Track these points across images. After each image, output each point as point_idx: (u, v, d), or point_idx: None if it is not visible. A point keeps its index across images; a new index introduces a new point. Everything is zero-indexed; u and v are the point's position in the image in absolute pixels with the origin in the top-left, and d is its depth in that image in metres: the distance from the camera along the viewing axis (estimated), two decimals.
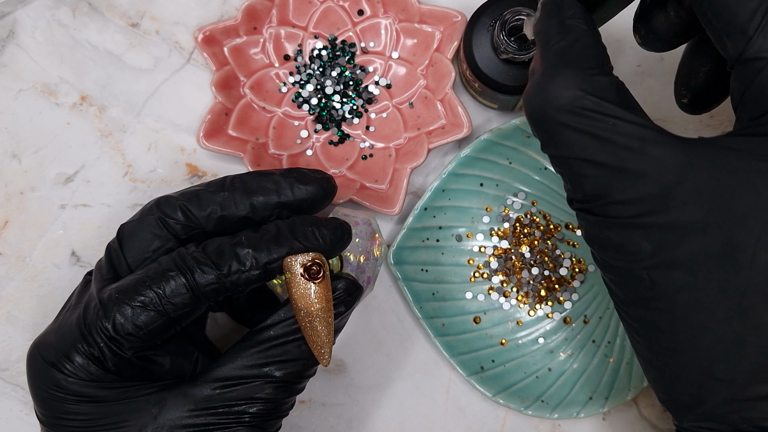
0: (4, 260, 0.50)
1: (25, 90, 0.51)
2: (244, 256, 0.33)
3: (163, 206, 0.36)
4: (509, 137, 0.48)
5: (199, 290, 0.33)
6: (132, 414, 0.33)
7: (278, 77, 0.51)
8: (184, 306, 0.33)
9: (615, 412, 0.49)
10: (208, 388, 0.34)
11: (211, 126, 0.49)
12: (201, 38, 0.48)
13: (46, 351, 0.34)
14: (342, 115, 0.50)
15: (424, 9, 0.48)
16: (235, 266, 0.33)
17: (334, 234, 0.35)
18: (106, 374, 0.33)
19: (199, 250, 0.33)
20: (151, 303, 0.32)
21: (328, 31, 0.51)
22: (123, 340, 0.33)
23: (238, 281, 0.33)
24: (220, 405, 0.34)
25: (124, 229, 0.36)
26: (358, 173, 0.50)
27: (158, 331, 0.33)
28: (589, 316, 0.49)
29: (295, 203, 0.36)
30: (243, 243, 0.33)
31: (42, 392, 0.34)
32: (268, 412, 0.35)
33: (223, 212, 0.35)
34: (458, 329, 0.48)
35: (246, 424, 0.34)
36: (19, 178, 0.50)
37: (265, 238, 0.34)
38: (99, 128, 0.51)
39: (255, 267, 0.33)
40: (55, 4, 0.51)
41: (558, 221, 0.49)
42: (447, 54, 0.48)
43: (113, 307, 0.33)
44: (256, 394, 0.34)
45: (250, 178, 0.36)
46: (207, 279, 0.33)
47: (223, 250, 0.33)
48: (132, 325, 0.32)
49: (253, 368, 0.34)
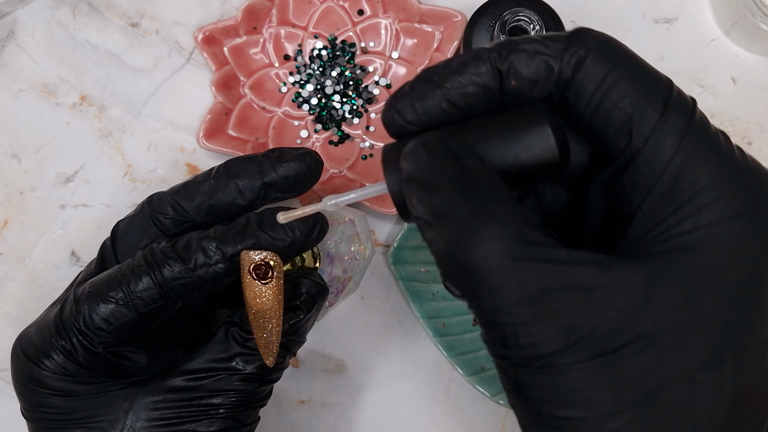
0: (4, 260, 0.50)
1: (25, 90, 0.51)
2: (210, 249, 0.33)
3: (154, 203, 0.36)
4: None
5: (166, 285, 0.33)
6: (104, 408, 0.34)
7: (278, 77, 0.51)
8: (152, 301, 0.33)
9: None
10: (177, 381, 0.34)
11: (211, 126, 0.49)
12: (201, 38, 0.48)
13: (25, 344, 0.34)
14: (342, 115, 0.50)
15: (424, 9, 0.48)
16: (202, 259, 0.33)
17: (303, 225, 0.34)
18: (78, 369, 0.33)
19: (168, 246, 0.33)
20: (120, 298, 0.32)
21: (328, 31, 0.51)
22: (92, 335, 0.33)
23: (205, 275, 0.33)
24: (189, 397, 0.34)
25: (118, 227, 0.37)
26: (358, 173, 0.50)
27: (128, 327, 0.33)
28: None
29: (280, 181, 0.35)
30: (210, 236, 0.33)
31: (21, 385, 0.34)
32: (240, 404, 0.35)
33: (211, 200, 0.35)
34: (458, 329, 0.48)
35: (216, 416, 0.34)
36: (18, 178, 0.50)
37: (232, 231, 0.33)
38: (99, 128, 0.51)
39: (222, 260, 0.33)
40: (55, 4, 0.51)
41: None
42: (447, 54, 0.48)
43: (84, 302, 0.33)
44: (224, 386, 0.34)
45: (232, 163, 0.36)
46: (174, 273, 0.33)
47: (191, 244, 0.33)
48: (101, 319, 0.32)
49: (221, 361, 0.34)
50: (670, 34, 0.50)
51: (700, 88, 0.50)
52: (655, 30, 0.50)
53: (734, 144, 0.24)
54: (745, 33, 0.49)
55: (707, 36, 0.50)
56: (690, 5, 0.51)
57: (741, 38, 0.50)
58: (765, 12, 0.46)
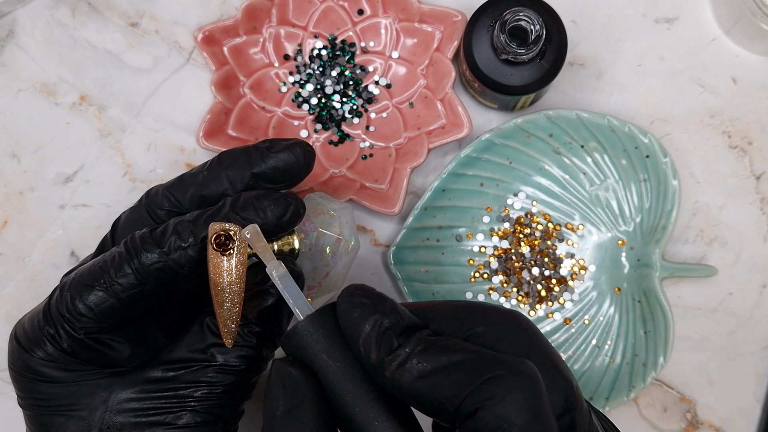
0: (3, 260, 0.50)
1: (25, 90, 0.51)
2: (183, 231, 0.33)
3: (151, 196, 0.36)
4: (509, 137, 0.48)
5: (144, 271, 0.33)
6: (84, 397, 0.34)
7: (278, 77, 0.51)
8: (131, 287, 0.33)
9: (615, 412, 0.49)
10: (156, 372, 0.34)
11: (210, 126, 0.49)
12: (201, 38, 0.48)
13: (19, 332, 0.34)
14: (342, 115, 0.50)
15: (424, 8, 0.48)
16: (175, 242, 0.32)
17: (275, 206, 0.33)
18: (63, 355, 0.33)
19: (147, 231, 0.33)
20: (101, 285, 0.32)
21: (328, 30, 0.51)
22: (74, 321, 0.33)
23: (179, 259, 0.33)
24: (166, 388, 0.34)
25: (119, 221, 0.37)
26: (358, 173, 0.50)
27: (109, 313, 0.33)
28: (589, 317, 0.49)
29: (268, 172, 0.35)
30: (185, 219, 0.33)
31: (15, 372, 0.35)
32: (216, 396, 0.34)
33: (203, 192, 0.35)
34: None
35: (191, 408, 0.34)
36: (18, 177, 0.50)
37: (207, 214, 0.33)
38: (98, 128, 0.51)
39: (194, 242, 0.32)
40: (55, 4, 0.51)
41: (558, 221, 0.49)
42: (447, 54, 0.48)
43: (68, 289, 0.33)
44: (200, 378, 0.34)
45: (225, 154, 0.36)
46: (151, 258, 0.32)
47: (167, 229, 0.33)
48: (83, 305, 0.32)
49: (197, 351, 0.34)
50: (671, 34, 0.50)
51: (700, 88, 0.50)
52: (656, 30, 0.50)
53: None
54: (745, 33, 0.49)
55: (707, 36, 0.50)
56: (690, 5, 0.50)
57: (741, 38, 0.49)
58: (765, 12, 0.46)
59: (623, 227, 0.49)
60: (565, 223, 0.49)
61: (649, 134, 0.47)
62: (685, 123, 0.50)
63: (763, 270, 0.49)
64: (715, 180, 0.50)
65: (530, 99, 0.47)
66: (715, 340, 0.49)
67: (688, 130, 0.50)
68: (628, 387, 0.47)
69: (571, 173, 0.49)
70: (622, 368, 0.47)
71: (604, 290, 0.49)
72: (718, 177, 0.50)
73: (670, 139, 0.50)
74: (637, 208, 0.48)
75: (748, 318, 0.49)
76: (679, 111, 0.50)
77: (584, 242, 0.49)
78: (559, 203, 0.49)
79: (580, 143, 0.48)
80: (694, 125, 0.50)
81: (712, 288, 0.49)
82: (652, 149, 0.47)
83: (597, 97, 0.50)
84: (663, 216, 0.47)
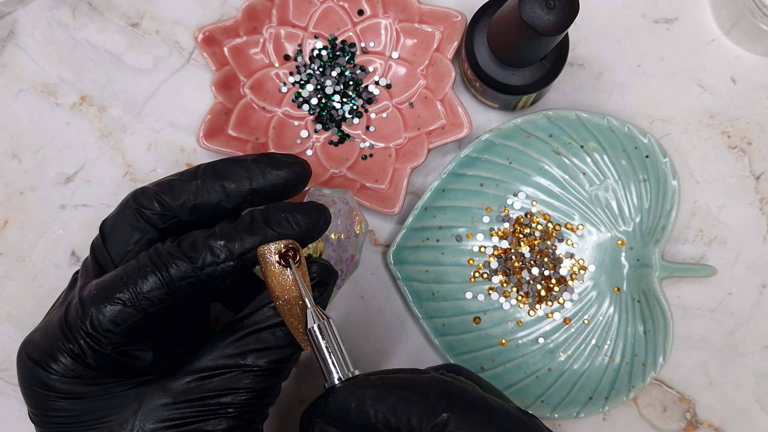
0: (4, 260, 0.50)
1: (25, 90, 0.51)
2: (217, 247, 0.33)
3: (138, 198, 0.36)
4: (509, 137, 0.48)
5: (174, 285, 0.33)
6: (113, 409, 0.34)
7: (278, 77, 0.51)
8: (160, 301, 0.33)
9: (615, 412, 0.49)
10: (185, 381, 0.34)
11: (211, 126, 0.49)
12: (201, 38, 0.48)
13: (31, 349, 0.34)
14: (342, 115, 0.50)
15: (424, 9, 0.48)
16: (209, 258, 0.33)
17: (308, 218, 0.34)
18: (87, 371, 0.33)
19: (174, 245, 0.33)
20: (128, 300, 0.32)
21: (328, 31, 0.51)
22: (101, 337, 0.33)
23: (213, 274, 0.33)
24: (198, 397, 0.34)
25: (106, 225, 0.36)
26: (358, 173, 0.50)
27: (136, 327, 0.33)
28: (589, 316, 0.49)
29: (267, 189, 0.35)
30: (216, 235, 0.33)
31: (28, 390, 0.34)
32: (249, 402, 0.34)
33: (197, 201, 0.35)
34: (458, 329, 0.48)
35: (226, 415, 0.34)
36: (19, 178, 0.50)
37: (238, 229, 0.33)
38: (99, 128, 0.51)
39: (229, 258, 0.33)
40: (55, 4, 0.51)
41: (558, 221, 0.49)
42: (447, 54, 0.48)
43: (91, 304, 0.33)
44: (233, 384, 0.34)
45: (221, 164, 0.36)
46: (181, 273, 0.33)
47: (197, 243, 0.33)
48: (109, 321, 0.32)
49: (230, 358, 0.34)
50: (670, 34, 0.50)
51: (700, 88, 0.50)
52: (655, 30, 0.50)
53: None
54: (745, 33, 0.49)
55: (707, 36, 0.51)
56: (690, 5, 0.51)
57: (741, 38, 0.50)
58: (765, 12, 0.46)
59: (623, 227, 0.49)
60: (565, 223, 0.49)
61: (648, 134, 0.47)
62: (685, 123, 0.50)
63: (763, 270, 0.50)
64: (714, 180, 0.50)
65: (531, 99, 0.47)
66: (715, 340, 0.49)
67: (687, 130, 0.50)
68: (628, 387, 0.47)
69: (571, 173, 0.49)
70: (622, 368, 0.47)
71: (604, 290, 0.49)
72: (718, 177, 0.50)
73: (670, 139, 0.50)
74: (637, 208, 0.48)
75: (748, 318, 0.49)
76: (678, 111, 0.50)
77: (584, 242, 0.49)
78: (558, 203, 0.49)
79: (580, 143, 0.48)
80: (694, 125, 0.50)
81: (711, 288, 0.50)
82: (651, 149, 0.47)
83: (597, 97, 0.50)
84: (662, 216, 0.47)
